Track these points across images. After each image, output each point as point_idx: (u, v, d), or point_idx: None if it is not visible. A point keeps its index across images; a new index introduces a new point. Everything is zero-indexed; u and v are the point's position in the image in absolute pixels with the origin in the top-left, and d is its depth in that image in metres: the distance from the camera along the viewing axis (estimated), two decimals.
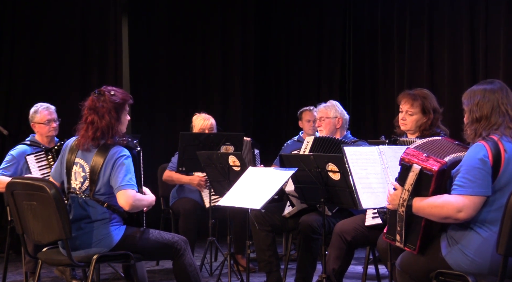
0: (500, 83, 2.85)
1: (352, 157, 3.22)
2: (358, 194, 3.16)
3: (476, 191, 2.62)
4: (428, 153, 2.76)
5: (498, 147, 2.67)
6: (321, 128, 4.55)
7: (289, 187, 4.15)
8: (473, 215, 2.64)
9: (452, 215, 2.65)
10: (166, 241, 3.50)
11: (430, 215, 2.71)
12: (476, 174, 2.63)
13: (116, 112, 3.41)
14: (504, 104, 2.76)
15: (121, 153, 3.35)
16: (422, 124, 3.77)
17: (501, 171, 2.65)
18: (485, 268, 2.65)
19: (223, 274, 4.63)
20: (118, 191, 3.29)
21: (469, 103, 2.83)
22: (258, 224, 4.35)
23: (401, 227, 2.80)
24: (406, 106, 3.80)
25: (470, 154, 2.69)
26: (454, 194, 2.65)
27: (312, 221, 4.12)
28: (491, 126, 2.74)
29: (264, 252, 4.36)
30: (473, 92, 2.85)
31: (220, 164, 4.24)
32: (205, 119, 5.29)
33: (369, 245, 4.06)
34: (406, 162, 2.77)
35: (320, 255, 4.01)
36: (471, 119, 2.80)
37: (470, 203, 2.62)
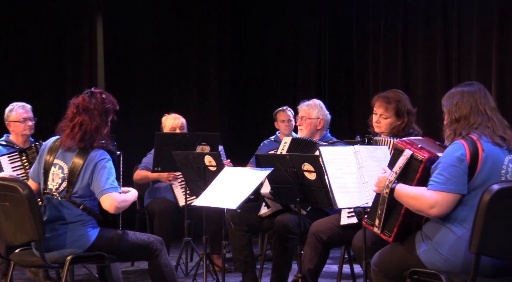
0: (478, 85, 2.90)
1: (328, 157, 3.24)
2: (333, 193, 3.18)
3: (450, 188, 2.66)
4: (423, 145, 2.84)
5: (476, 146, 2.71)
6: (302, 128, 4.53)
7: (264, 189, 4.16)
8: (445, 212, 2.67)
9: (424, 209, 2.69)
10: (142, 242, 3.48)
11: (406, 204, 2.76)
12: (452, 172, 2.66)
13: (106, 116, 3.40)
14: (482, 104, 2.81)
15: (101, 156, 3.33)
16: (395, 127, 3.78)
17: (478, 170, 2.68)
18: (458, 266, 2.68)
19: (199, 274, 4.61)
20: (102, 195, 3.27)
21: (448, 105, 2.87)
22: (234, 224, 4.35)
23: (382, 210, 2.84)
24: (381, 109, 3.80)
25: (449, 151, 2.73)
26: (430, 190, 2.69)
27: (287, 221, 4.13)
28: (471, 125, 2.78)
29: (240, 252, 4.36)
30: (452, 94, 2.89)
31: (196, 164, 4.23)
32: (175, 118, 5.29)
33: (345, 245, 4.09)
34: (399, 147, 2.84)
35: (295, 254, 4.02)
36: (450, 120, 2.84)
37: (443, 200, 2.66)
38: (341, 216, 3.83)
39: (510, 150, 2.77)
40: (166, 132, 5.25)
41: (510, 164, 2.74)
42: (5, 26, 6.59)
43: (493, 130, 2.76)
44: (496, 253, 2.59)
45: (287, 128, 5.69)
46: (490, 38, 6.39)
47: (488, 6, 6.41)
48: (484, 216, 2.50)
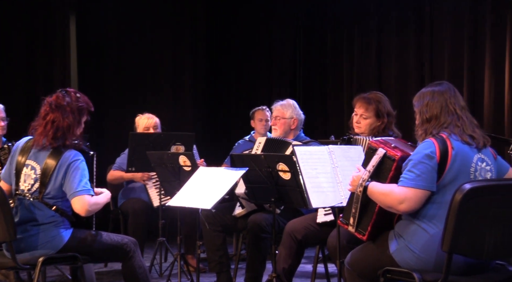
0: (448, 84, 2.94)
1: (303, 156, 3.25)
2: (308, 193, 3.20)
3: (419, 185, 2.69)
4: (396, 145, 2.87)
5: (446, 145, 2.75)
6: (276, 127, 4.55)
7: (239, 189, 4.16)
8: (414, 208, 2.71)
9: (394, 205, 2.72)
10: (115, 243, 3.45)
11: (378, 200, 2.80)
12: (422, 168, 2.70)
13: (79, 115, 3.37)
14: (452, 103, 2.85)
15: (75, 157, 3.30)
16: (375, 127, 3.82)
17: (447, 168, 2.72)
18: (431, 265, 2.71)
19: (173, 275, 4.60)
20: (73, 197, 3.24)
21: (419, 105, 2.92)
22: (209, 224, 4.34)
23: (356, 208, 2.87)
24: (361, 110, 3.84)
25: (419, 149, 2.77)
26: (399, 186, 2.72)
27: (260, 220, 4.13)
28: (441, 125, 2.82)
29: (214, 252, 4.35)
30: (423, 94, 2.93)
31: (170, 164, 4.21)
32: (149, 118, 5.28)
33: (319, 244, 4.11)
34: (373, 146, 2.87)
35: (270, 254, 4.03)
36: (421, 120, 2.88)
37: (412, 196, 2.69)
38: (317, 214, 3.85)
39: (479, 148, 2.81)
40: (140, 132, 5.22)
41: (479, 162, 2.78)
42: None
43: (463, 129, 2.81)
44: (468, 252, 2.62)
45: (263, 127, 5.70)
46: (461, 41, 6.48)
47: (460, 8, 6.50)
48: (456, 215, 2.53)
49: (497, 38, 6.25)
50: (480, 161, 2.79)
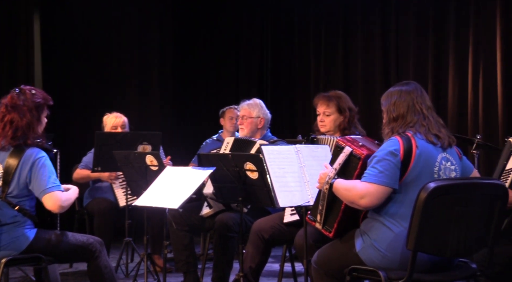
0: (415, 84, 2.98)
1: (270, 156, 3.26)
2: (275, 192, 3.21)
3: (381, 181, 2.72)
4: (363, 143, 2.90)
5: (411, 143, 2.78)
6: (243, 127, 4.55)
7: (207, 189, 4.15)
8: (375, 203, 2.73)
9: (355, 200, 2.75)
10: (81, 243, 3.41)
11: (342, 197, 2.82)
12: (385, 165, 2.73)
13: (37, 112, 3.31)
14: (419, 103, 2.89)
15: (38, 154, 3.25)
16: (340, 123, 3.88)
17: (411, 166, 2.75)
18: (396, 263, 2.74)
19: (140, 275, 4.56)
20: (44, 194, 3.19)
21: (386, 104, 2.95)
22: (176, 224, 4.32)
23: (323, 206, 2.90)
24: (322, 107, 3.90)
25: (384, 146, 2.80)
26: (362, 181, 2.75)
27: (227, 220, 4.13)
28: (407, 124, 2.85)
29: (181, 252, 4.34)
30: (390, 93, 2.96)
31: (137, 163, 4.18)
32: (116, 117, 5.24)
33: (286, 243, 4.12)
34: (340, 144, 2.89)
35: (237, 253, 4.03)
36: (388, 119, 2.92)
37: (374, 191, 2.72)
38: (284, 214, 3.87)
39: (443, 148, 2.84)
40: (106, 131, 5.17)
41: (443, 161, 2.82)
42: None
43: (428, 128, 2.84)
44: (432, 250, 2.66)
45: (233, 126, 5.69)
46: (426, 42, 6.59)
47: (424, 9, 6.61)
48: (421, 213, 2.56)
49: (461, 40, 6.37)
50: (445, 160, 2.83)
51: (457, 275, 2.84)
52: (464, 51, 6.34)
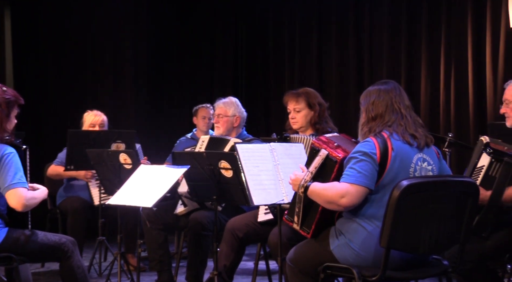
0: (394, 83, 2.98)
1: (244, 154, 3.26)
2: (249, 191, 3.21)
3: (360, 181, 2.72)
4: (339, 144, 2.88)
5: (387, 145, 2.78)
6: (218, 125, 4.54)
7: (182, 188, 4.14)
8: (355, 203, 2.74)
9: (335, 200, 2.73)
10: (53, 243, 3.37)
11: (318, 198, 2.80)
12: (363, 166, 2.73)
13: (7, 108, 3.26)
14: (397, 102, 2.89)
15: (5, 151, 3.20)
16: (311, 118, 3.90)
17: (387, 168, 2.75)
18: (369, 260, 2.76)
19: (113, 274, 4.53)
20: (8, 190, 3.13)
21: (365, 103, 2.94)
22: (150, 222, 4.30)
23: (300, 208, 2.89)
24: (292, 104, 3.93)
25: (359, 147, 2.79)
26: (341, 182, 2.75)
27: (201, 218, 4.13)
28: (385, 123, 2.85)
29: (155, 250, 4.32)
30: (369, 92, 2.96)
31: (110, 162, 4.15)
32: (96, 115, 5.19)
33: (260, 241, 4.13)
34: (315, 146, 2.87)
35: (211, 252, 4.02)
36: (367, 118, 2.91)
37: (353, 191, 2.71)
38: (258, 213, 3.87)
39: (420, 148, 2.85)
40: (80, 129, 5.13)
41: (419, 162, 2.83)
42: None
43: (406, 128, 2.84)
44: (405, 247, 2.68)
45: (206, 125, 5.69)
46: (399, 40, 6.66)
47: (397, 9, 6.68)
48: (394, 211, 2.58)
49: (433, 40, 6.45)
50: (421, 161, 2.83)
51: (429, 272, 2.88)
52: (436, 51, 6.42)
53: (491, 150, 3.08)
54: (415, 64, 6.59)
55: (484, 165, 3.11)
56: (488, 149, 3.09)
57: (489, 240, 3.10)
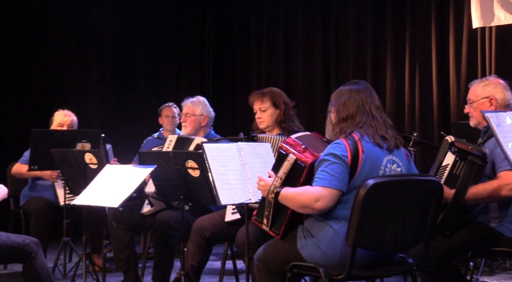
0: (365, 84, 2.98)
1: (212, 154, 3.25)
2: (217, 190, 3.20)
3: (333, 184, 2.72)
4: (306, 145, 2.86)
5: (357, 147, 2.78)
6: (186, 124, 4.52)
7: (149, 188, 4.11)
8: (329, 206, 2.74)
9: (310, 204, 2.72)
10: (16, 245, 3.32)
11: (291, 203, 2.78)
12: (335, 169, 2.72)
13: None
14: (368, 103, 2.90)
15: None
16: (277, 117, 3.92)
17: (358, 171, 2.76)
18: (336, 260, 2.77)
19: (78, 275, 4.48)
20: None
21: (336, 104, 2.93)
22: (116, 222, 4.26)
23: (269, 212, 2.87)
24: (258, 104, 3.95)
25: (330, 149, 2.78)
26: (314, 186, 2.74)
27: (168, 218, 4.11)
28: (356, 124, 2.85)
29: (121, 251, 4.28)
30: (340, 92, 2.95)
31: (76, 161, 4.11)
32: (65, 115, 5.13)
33: (228, 241, 4.13)
34: (283, 151, 2.85)
35: (178, 252, 4.00)
36: (338, 119, 2.90)
37: (327, 194, 2.71)
38: (226, 213, 3.87)
39: (390, 150, 2.86)
40: (45, 128, 5.05)
41: (388, 164, 2.84)
42: None
43: (376, 129, 2.85)
44: (370, 246, 2.71)
45: (170, 124, 5.66)
46: (364, 40, 6.73)
47: (363, 10, 6.75)
48: (360, 210, 2.60)
49: (398, 41, 6.54)
50: (390, 163, 2.84)
51: (395, 270, 2.91)
52: (401, 51, 6.51)
53: (456, 149, 3.13)
54: (381, 64, 6.67)
55: (449, 163, 3.16)
56: (453, 148, 3.14)
57: (453, 238, 3.15)
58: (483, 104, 3.36)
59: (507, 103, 3.36)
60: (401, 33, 6.52)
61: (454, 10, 6.17)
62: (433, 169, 3.21)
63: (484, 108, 3.30)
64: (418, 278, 2.99)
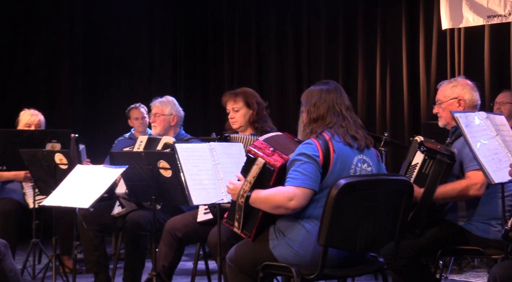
0: (335, 84, 3.00)
1: (184, 154, 3.25)
2: (189, 190, 3.19)
3: (306, 183, 2.73)
4: (275, 148, 2.86)
5: (328, 147, 2.80)
6: (155, 124, 4.50)
7: (120, 189, 4.08)
8: (303, 205, 2.75)
9: (283, 203, 2.73)
10: None
11: (264, 204, 2.79)
12: (307, 168, 2.74)
13: None
14: (339, 104, 2.92)
15: None
16: (250, 117, 3.92)
17: (329, 170, 2.78)
18: (307, 259, 2.79)
19: (47, 277, 4.43)
20: None
21: (307, 104, 2.95)
22: (86, 223, 4.22)
23: (240, 215, 2.87)
24: (230, 104, 3.95)
25: (301, 149, 2.80)
26: (287, 186, 2.75)
27: (139, 218, 4.08)
28: (326, 124, 2.87)
29: (92, 252, 4.24)
30: (311, 93, 2.97)
31: (45, 162, 4.06)
32: (32, 114, 5.05)
33: (200, 241, 4.12)
34: (252, 154, 2.84)
35: (149, 252, 3.98)
36: (309, 120, 2.92)
37: (301, 193, 2.73)
38: (198, 213, 3.86)
39: (360, 150, 2.89)
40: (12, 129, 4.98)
41: (359, 163, 2.87)
42: None
43: (347, 130, 2.87)
44: (342, 245, 2.73)
45: (141, 125, 5.63)
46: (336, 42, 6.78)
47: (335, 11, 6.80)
48: (332, 209, 2.62)
49: (369, 41, 6.60)
50: (361, 162, 2.87)
51: (366, 269, 2.94)
52: (372, 52, 6.58)
53: (425, 148, 3.17)
54: (352, 65, 6.72)
55: (418, 163, 3.20)
56: (422, 148, 3.18)
57: (422, 236, 3.19)
58: (452, 104, 3.41)
59: (475, 104, 3.42)
60: (372, 34, 6.58)
61: (424, 11, 6.25)
62: (403, 168, 3.25)
63: (452, 109, 3.34)
64: (388, 276, 3.02)
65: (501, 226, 3.13)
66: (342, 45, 6.73)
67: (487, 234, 3.19)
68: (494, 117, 3.09)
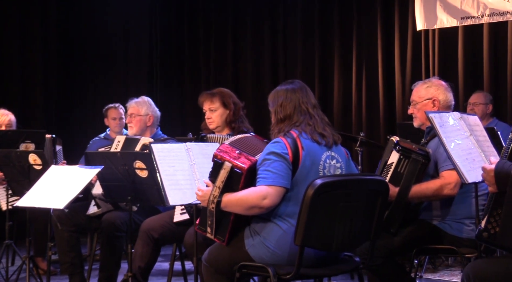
0: (300, 83, 3.04)
1: (160, 154, 3.23)
2: (165, 191, 3.18)
3: (278, 182, 2.75)
4: (241, 150, 2.86)
5: (297, 144, 2.83)
6: (132, 125, 4.48)
7: (96, 190, 4.05)
8: (276, 203, 2.77)
9: (257, 203, 2.74)
10: None
11: (237, 207, 2.78)
12: (277, 167, 2.76)
13: None
14: (305, 103, 2.95)
15: None
16: (227, 117, 3.92)
17: (299, 167, 2.81)
18: (284, 259, 2.80)
19: (21, 279, 4.38)
20: None
21: (274, 105, 2.98)
22: (61, 224, 4.18)
23: (212, 221, 2.87)
24: (207, 104, 3.94)
25: (270, 148, 2.82)
26: (258, 185, 2.76)
27: (115, 219, 4.06)
28: (293, 124, 2.90)
29: (66, 253, 4.20)
30: (277, 93, 3.00)
31: (19, 162, 4.02)
32: (3, 114, 4.99)
33: (176, 242, 4.10)
34: (218, 159, 2.83)
35: (125, 253, 3.95)
36: (276, 120, 2.95)
37: (273, 192, 2.74)
38: (174, 213, 3.85)
39: (328, 146, 2.92)
40: None
41: (327, 160, 2.90)
42: None
43: (314, 127, 2.91)
44: (318, 245, 2.74)
45: (117, 125, 5.59)
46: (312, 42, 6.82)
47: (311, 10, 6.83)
48: (308, 209, 2.63)
49: (344, 42, 6.64)
50: (329, 159, 2.91)
51: (342, 269, 2.96)
52: (348, 52, 6.62)
53: (400, 147, 3.20)
54: (329, 65, 6.76)
55: (394, 162, 3.22)
56: (397, 147, 3.21)
57: (397, 235, 3.22)
58: (426, 105, 3.44)
59: (449, 104, 3.46)
60: (348, 35, 6.62)
61: (398, 12, 6.30)
62: (379, 168, 3.28)
63: (427, 109, 3.38)
64: (364, 276, 3.04)
65: (475, 225, 3.17)
66: (318, 46, 6.76)
67: (461, 233, 3.23)
68: (468, 117, 3.13)
